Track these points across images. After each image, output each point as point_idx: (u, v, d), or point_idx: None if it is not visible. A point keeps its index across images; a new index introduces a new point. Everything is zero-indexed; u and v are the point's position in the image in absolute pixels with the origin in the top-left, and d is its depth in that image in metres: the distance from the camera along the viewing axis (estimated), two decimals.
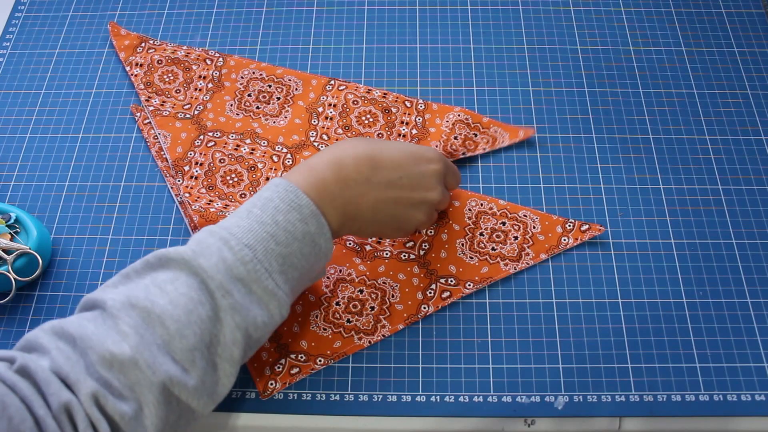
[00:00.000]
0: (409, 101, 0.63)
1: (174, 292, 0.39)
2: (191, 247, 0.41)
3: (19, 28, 0.71)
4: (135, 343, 0.37)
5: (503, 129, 0.61)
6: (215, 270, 0.40)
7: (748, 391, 0.50)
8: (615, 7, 0.70)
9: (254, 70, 0.66)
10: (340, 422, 0.50)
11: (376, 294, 0.54)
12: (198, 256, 0.40)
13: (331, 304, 0.54)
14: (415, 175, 0.49)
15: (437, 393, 0.51)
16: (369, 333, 0.52)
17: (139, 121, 0.64)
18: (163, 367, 0.37)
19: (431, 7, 0.71)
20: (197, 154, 0.60)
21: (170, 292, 0.39)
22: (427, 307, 0.53)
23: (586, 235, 0.56)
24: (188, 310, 0.39)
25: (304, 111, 0.63)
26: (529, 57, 0.67)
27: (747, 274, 0.55)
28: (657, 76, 0.65)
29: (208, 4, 0.72)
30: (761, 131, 0.62)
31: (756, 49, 0.67)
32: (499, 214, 0.57)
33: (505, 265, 0.55)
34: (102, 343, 0.37)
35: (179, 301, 0.39)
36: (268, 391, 0.50)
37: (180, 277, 0.40)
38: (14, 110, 0.65)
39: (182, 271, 0.40)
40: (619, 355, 0.52)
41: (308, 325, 0.53)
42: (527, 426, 0.50)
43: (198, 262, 0.40)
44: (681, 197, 0.59)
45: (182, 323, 0.38)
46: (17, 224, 0.55)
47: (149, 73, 0.66)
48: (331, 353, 0.52)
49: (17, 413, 0.34)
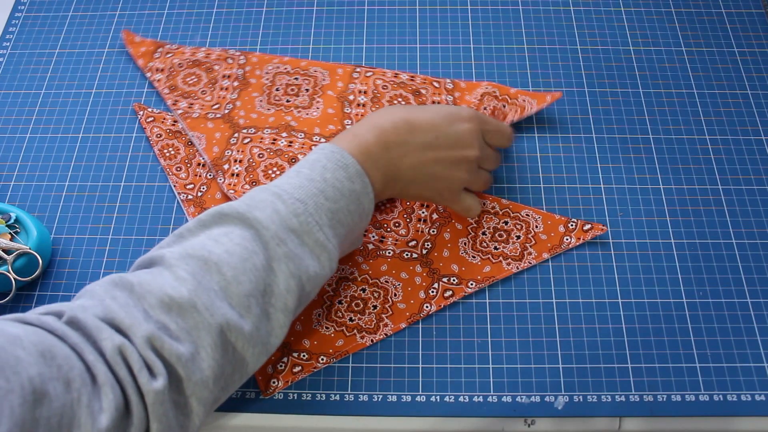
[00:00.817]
0: (437, 81, 0.63)
1: (229, 243, 0.41)
2: (245, 202, 0.43)
3: (19, 28, 0.71)
4: (193, 287, 0.38)
5: (530, 97, 0.62)
6: (269, 221, 0.41)
7: (748, 391, 0.50)
8: (615, 7, 0.70)
9: (278, 65, 0.66)
10: (340, 422, 0.50)
11: (379, 293, 0.54)
12: (252, 209, 0.42)
13: (333, 303, 0.54)
14: (451, 134, 0.50)
15: (437, 393, 0.51)
16: (371, 332, 0.52)
17: (141, 119, 0.64)
18: (220, 310, 0.38)
19: (431, 7, 0.71)
20: (235, 152, 0.60)
21: (225, 243, 0.40)
22: (429, 306, 0.53)
23: (589, 234, 0.56)
24: (243, 258, 0.40)
25: (336, 100, 0.63)
26: (529, 57, 0.67)
27: (747, 274, 0.55)
28: (657, 76, 0.65)
29: (208, 4, 0.72)
30: (761, 131, 0.62)
31: (756, 49, 0.67)
32: (502, 214, 0.57)
33: (507, 265, 0.55)
34: (160, 287, 0.38)
35: (234, 250, 0.40)
36: (270, 389, 0.50)
37: (234, 230, 0.41)
38: (14, 110, 0.65)
39: (236, 224, 0.42)
40: (619, 355, 0.52)
41: (311, 323, 0.53)
42: (527, 426, 0.50)
43: (253, 215, 0.42)
44: (681, 197, 0.59)
45: (238, 270, 0.40)
46: (17, 224, 0.55)
47: (171, 77, 0.66)
48: (333, 352, 0.52)
49: (65, 361, 0.34)
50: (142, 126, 0.63)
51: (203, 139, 0.61)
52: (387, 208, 0.58)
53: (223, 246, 0.40)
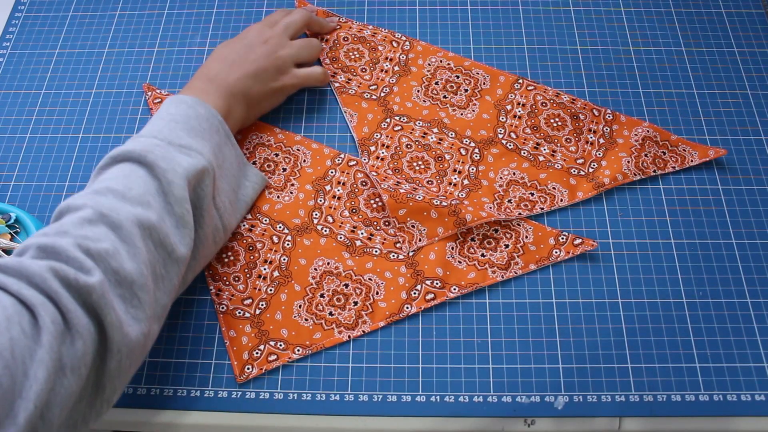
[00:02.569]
0: (597, 110, 0.62)
1: (112, 173, 0.47)
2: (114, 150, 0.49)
3: (19, 28, 0.71)
4: (93, 203, 0.43)
5: (692, 148, 0.60)
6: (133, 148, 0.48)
7: (748, 391, 0.50)
8: (615, 7, 0.70)
9: (441, 59, 0.66)
10: (340, 422, 0.50)
11: (361, 289, 0.54)
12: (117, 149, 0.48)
13: (315, 296, 0.54)
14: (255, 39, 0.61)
15: (437, 393, 0.51)
16: (350, 327, 0.53)
17: (149, 100, 0.64)
18: (124, 209, 0.44)
19: (431, 7, 0.71)
20: (383, 137, 0.61)
21: (109, 176, 0.47)
22: (410, 307, 0.53)
23: (579, 249, 0.55)
24: (125, 175, 0.46)
25: (492, 107, 0.63)
26: (529, 57, 0.67)
27: (747, 274, 0.55)
28: (657, 76, 0.65)
29: (208, 4, 0.72)
30: (761, 131, 0.62)
31: (756, 49, 0.67)
32: (493, 221, 0.57)
33: (492, 272, 0.55)
34: (70, 219, 0.43)
35: (118, 174, 0.47)
36: (244, 375, 0.51)
37: (116, 166, 0.48)
38: (14, 110, 0.65)
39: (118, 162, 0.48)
40: (619, 355, 0.52)
41: (290, 314, 0.53)
42: (527, 426, 0.50)
43: (118, 151, 0.48)
44: (681, 197, 0.59)
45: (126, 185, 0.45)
46: (17, 224, 0.55)
47: (335, 48, 0.67)
48: (310, 344, 0.52)
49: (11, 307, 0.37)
50: (149, 106, 0.64)
51: (355, 117, 0.62)
52: (378, 206, 0.58)
53: (107, 175, 0.47)
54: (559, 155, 0.60)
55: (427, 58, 0.66)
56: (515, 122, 0.62)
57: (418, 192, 0.57)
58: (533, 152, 0.60)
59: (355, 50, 0.66)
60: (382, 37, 0.67)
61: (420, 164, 0.59)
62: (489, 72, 0.65)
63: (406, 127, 0.61)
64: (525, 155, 0.60)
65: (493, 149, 0.60)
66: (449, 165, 0.59)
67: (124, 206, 0.44)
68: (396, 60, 0.66)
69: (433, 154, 0.60)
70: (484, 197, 0.58)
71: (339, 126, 0.63)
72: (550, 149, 0.60)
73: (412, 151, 0.60)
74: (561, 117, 0.62)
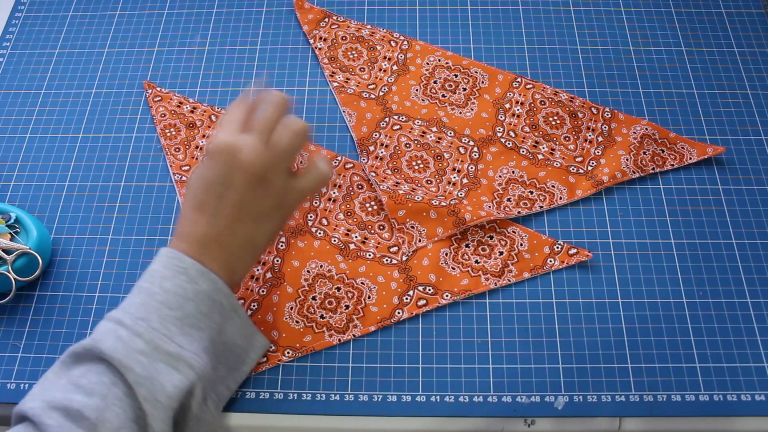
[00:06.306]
0: (596, 108, 0.62)
1: (88, 383, 0.40)
2: (92, 336, 0.42)
3: (19, 28, 0.71)
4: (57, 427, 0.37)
5: (690, 145, 0.60)
6: (114, 350, 0.40)
7: (748, 391, 0.50)
8: (615, 7, 0.70)
9: (440, 58, 0.66)
10: (340, 422, 0.50)
11: (353, 293, 0.54)
12: (98, 342, 0.41)
13: (307, 298, 0.54)
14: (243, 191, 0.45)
15: (437, 393, 0.51)
16: (340, 331, 0.53)
17: (149, 97, 0.64)
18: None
19: (431, 7, 0.71)
20: (382, 136, 0.61)
21: (84, 385, 0.40)
22: (401, 312, 0.53)
23: (573, 259, 0.55)
24: (103, 395, 0.39)
25: (491, 105, 0.63)
26: (529, 57, 0.67)
27: (747, 274, 0.55)
28: (657, 76, 0.65)
29: (208, 4, 0.72)
30: (761, 131, 0.62)
31: (756, 49, 0.67)
32: (488, 227, 0.56)
33: (486, 280, 0.54)
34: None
35: (94, 389, 0.39)
36: None
37: (91, 368, 0.41)
38: (14, 110, 0.65)
39: (91, 362, 0.41)
40: (619, 355, 0.52)
41: (282, 316, 0.53)
42: (527, 426, 0.50)
43: (98, 348, 0.40)
44: (681, 197, 0.59)
45: (101, 409, 0.39)
46: (17, 224, 0.55)
47: (333, 48, 0.67)
48: (300, 347, 0.52)
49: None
50: (148, 104, 0.63)
51: (354, 116, 0.62)
52: (374, 210, 0.58)
53: (83, 389, 0.40)
54: (558, 153, 0.60)
55: (425, 57, 0.66)
56: (514, 121, 0.62)
57: (417, 192, 0.57)
58: (532, 150, 0.60)
59: (353, 50, 0.66)
60: (381, 36, 0.67)
61: (419, 163, 0.59)
62: (487, 71, 0.65)
63: (404, 126, 0.61)
64: (524, 153, 0.60)
65: (492, 148, 0.60)
66: (448, 164, 0.59)
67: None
68: (394, 59, 0.66)
69: (432, 153, 0.60)
70: (484, 196, 0.58)
71: (338, 126, 0.63)
72: (549, 147, 0.60)
73: (411, 150, 0.60)
74: (559, 115, 0.62)
